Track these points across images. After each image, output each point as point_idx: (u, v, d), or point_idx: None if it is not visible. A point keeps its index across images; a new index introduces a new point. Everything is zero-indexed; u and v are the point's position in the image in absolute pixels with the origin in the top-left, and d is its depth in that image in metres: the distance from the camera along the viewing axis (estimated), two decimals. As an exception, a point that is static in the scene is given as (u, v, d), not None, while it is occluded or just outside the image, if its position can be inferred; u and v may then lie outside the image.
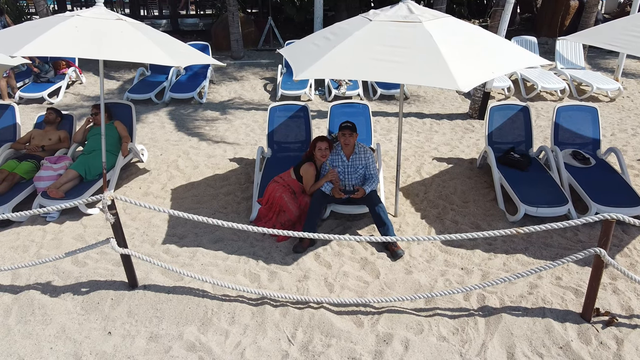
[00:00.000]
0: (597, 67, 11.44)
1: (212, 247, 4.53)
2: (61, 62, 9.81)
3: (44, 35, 4.09)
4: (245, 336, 3.52)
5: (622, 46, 4.11)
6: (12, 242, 4.72)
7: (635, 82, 10.35)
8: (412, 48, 3.73)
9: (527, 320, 3.60)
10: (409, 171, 6.09)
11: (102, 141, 5.27)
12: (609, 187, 5.11)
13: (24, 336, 3.60)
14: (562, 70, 9.78)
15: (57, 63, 9.79)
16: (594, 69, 11.36)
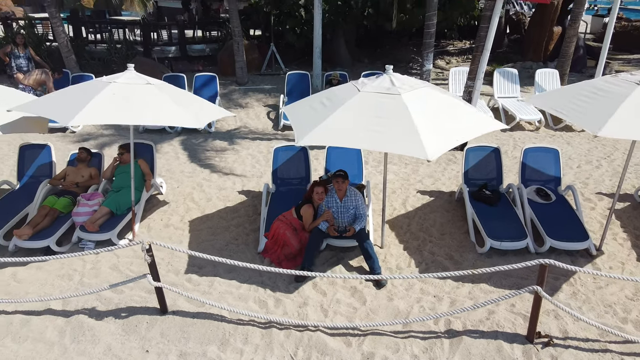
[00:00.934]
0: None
1: (227, 277, 5.40)
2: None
3: (90, 104, 4.96)
4: (257, 354, 4.39)
5: (566, 114, 4.98)
6: (57, 270, 5.59)
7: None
8: (391, 119, 4.59)
9: (482, 341, 4.47)
10: (395, 204, 6.96)
11: (131, 181, 6.15)
12: (564, 222, 5.97)
13: (78, 353, 4.47)
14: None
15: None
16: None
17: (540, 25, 14.42)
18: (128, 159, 6.64)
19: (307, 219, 5.60)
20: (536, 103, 5.48)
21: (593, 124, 4.58)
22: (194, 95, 6.08)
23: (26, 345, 4.56)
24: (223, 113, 6.08)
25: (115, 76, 5.61)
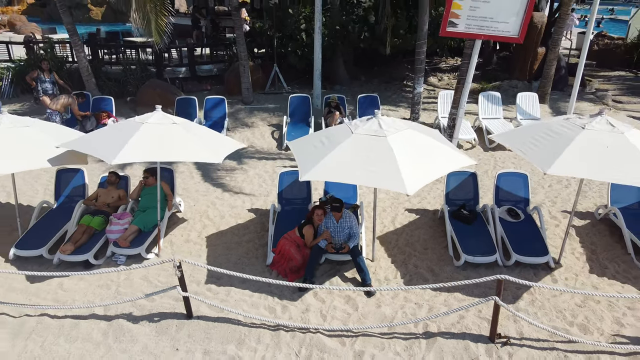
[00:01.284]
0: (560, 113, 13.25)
1: (241, 287, 6.36)
2: (102, 114, 11.64)
3: (128, 144, 5.93)
4: (267, 352, 5.36)
5: (524, 152, 5.94)
6: (97, 281, 6.55)
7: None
8: (379, 158, 5.56)
9: (453, 341, 5.44)
10: (385, 222, 7.93)
11: (157, 203, 7.13)
12: (528, 239, 6.94)
13: (121, 351, 5.43)
14: (520, 121, 11.63)
15: (99, 115, 11.62)
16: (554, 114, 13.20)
17: (525, 46, 15.38)
18: (152, 182, 7.60)
19: (308, 237, 6.56)
20: (500, 140, 6.45)
21: (544, 163, 5.54)
22: (211, 131, 7.05)
23: (77, 344, 5.53)
24: (236, 145, 7.04)
25: (146, 116, 6.58)
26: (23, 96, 14.10)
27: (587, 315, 5.83)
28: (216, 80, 14.91)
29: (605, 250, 7.15)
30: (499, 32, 8.29)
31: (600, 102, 14.27)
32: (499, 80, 15.70)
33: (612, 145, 5.51)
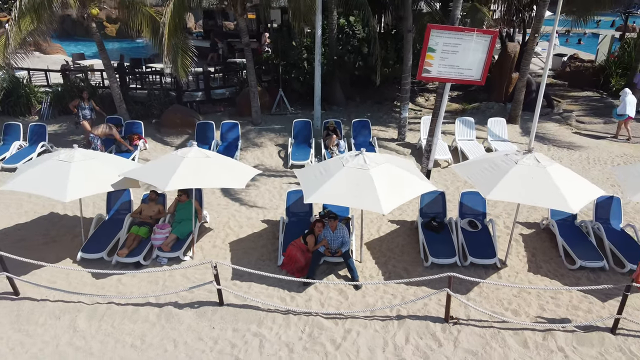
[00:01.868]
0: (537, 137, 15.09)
1: (259, 282, 8.21)
2: (133, 136, 13.50)
3: (176, 174, 7.80)
4: (280, 329, 7.21)
5: (473, 181, 7.80)
6: (147, 277, 8.41)
7: (546, 148, 14.06)
8: (363, 186, 7.42)
9: (418, 321, 7.30)
10: (372, 230, 9.79)
11: (192, 216, 8.99)
12: (482, 245, 8.80)
13: (171, 329, 7.29)
14: (490, 142, 13.50)
15: (131, 137, 13.48)
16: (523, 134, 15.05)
17: (500, 72, 17.26)
18: (185, 199, 9.45)
19: (310, 244, 8.42)
20: (457, 170, 8.32)
21: (485, 189, 7.41)
22: (234, 161, 8.92)
23: (138, 324, 7.38)
24: (253, 172, 8.91)
25: (185, 151, 8.45)
26: (60, 117, 15.97)
27: (520, 302, 7.69)
28: (228, 103, 16.77)
29: (543, 253, 9.02)
30: (464, 77, 10.12)
31: (565, 123, 16.13)
32: (478, 102, 17.56)
33: (535, 177, 7.37)
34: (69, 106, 13.91)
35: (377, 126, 15.64)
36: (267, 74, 17.39)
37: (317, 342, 6.98)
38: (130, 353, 6.86)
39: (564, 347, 6.85)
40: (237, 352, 6.83)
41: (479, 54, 9.86)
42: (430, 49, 9.80)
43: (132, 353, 6.87)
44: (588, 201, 7.35)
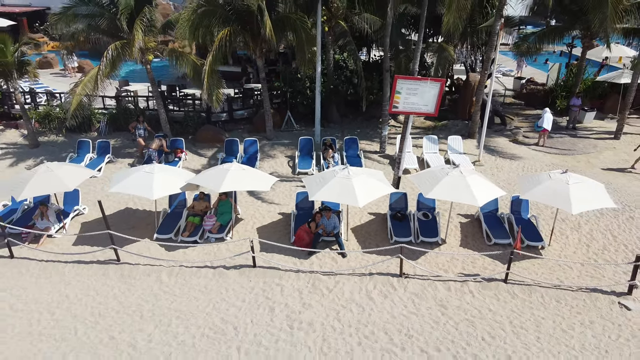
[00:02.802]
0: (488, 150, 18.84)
1: (279, 252, 12.02)
2: (177, 150, 17.31)
3: (225, 180, 11.64)
4: (294, 281, 11.03)
5: (420, 186, 11.62)
6: (202, 251, 12.24)
7: (493, 158, 17.85)
8: (347, 189, 11.24)
9: (381, 277, 11.12)
10: (355, 219, 13.60)
11: (232, 209, 12.84)
12: (430, 229, 12.61)
13: (223, 282, 11.12)
14: (449, 154, 17.30)
15: (175, 150, 17.29)
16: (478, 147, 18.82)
17: (464, 96, 21.08)
18: (224, 198, 13.26)
19: (312, 228, 12.26)
20: (412, 179, 12.13)
21: (426, 191, 11.25)
22: (259, 171, 12.77)
23: (201, 279, 11.20)
24: (273, 180, 12.74)
25: (228, 165, 12.26)
26: (114, 134, 19.80)
27: (449, 265, 11.51)
28: (247, 121, 20.59)
29: (472, 235, 12.85)
30: (422, 110, 13.88)
31: (513, 137, 19.92)
32: (446, 119, 21.36)
33: (457, 183, 11.20)
34: (128, 127, 17.75)
35: (364, 140, 19.47)
36: (277, 97, 21.19)
37: (317, 289, 10.81)
38: (199, 294, 10.70)
39: (473, 291, 10.69)
40: (267, 294, 10.67)
41: (432, 94, 13.65)
42: (397, 92, 13.61)
43: (201, 295, 10.70)
44: (491, 198, 11.22)
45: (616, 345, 9.26)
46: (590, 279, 11.16)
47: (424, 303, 10.41)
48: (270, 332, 9.64)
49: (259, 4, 14.90)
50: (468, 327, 9.72)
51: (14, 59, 16.76)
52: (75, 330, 9.76)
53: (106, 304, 10.51)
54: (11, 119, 20.55)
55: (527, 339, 9.43)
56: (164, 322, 9.95)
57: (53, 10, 39.39)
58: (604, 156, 18.17)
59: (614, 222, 13.47)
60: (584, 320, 9.93)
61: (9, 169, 17.18)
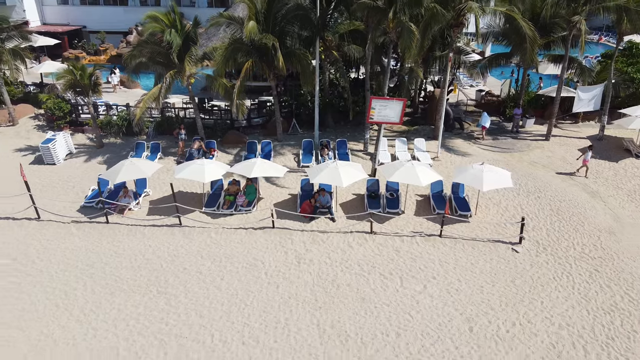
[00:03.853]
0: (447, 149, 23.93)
1: (289, 218, 17.19)
2: (211, 149, 22.46)
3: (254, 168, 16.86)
4: (300, 236, 16.24)
5: (384, 173, 16.81)
6: (237, 218, 17.43)
7: (449, 155, 22.98)
8: (335, 174, 16.43)
9: (358, 234, 16.33)
10: (342, 197, 18.76)
11: (254, 191, 18.07)
12: (394, 203, 17.79)
13: (252, 237, 16.34)
14: (415, 152, 22.44)
15: (210, 149, 22.44)
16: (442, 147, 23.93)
17: (430, 107, 26.21)
18: (250, 182, 18.45)
19: (312, 203, 17.46)
20: (380, 170, 17.31)
21: (388, 176, 16.45)
22: (274, 163, 17.98)
23: (236, 236, 16.42)
24: (284, 169, 17.94)
25: (254, 160, 17.47)
26: (159, 137, 24.93)
27: (405, 226, 16.71)
28: (261, 127, 25.74)
29: (424, 208, 18.03)
30: (391, 120, 19.06)
31: (468, 139, 25.06)
32: (418, 124, 26.51)
33: (409, 171, 16.39)
34: (173, 133, 22.92)
35: (352, 142, 24.63)
36: (285, 108, 26.34)
37: (315, 241, 16.03)
38: (237, 245, 15.92)
39: (418, 242, 15.89)
40: (282, 244, 15.88)
41: (397, 109, 18.86)
42: (372, 108, 18.85)
43: (238, 245, 15.92)
44: (431, 181, 16.45)
45: (504, 272, 14.49)
46: (497, 234, 16.37)
47: (384, 249, 15.62)
48: (285, 265, 14.86)
49: (273, 43, 20.03)
50: (411, 262, 14.93)
51: (89, 82, 21.89)
52: (160, 265, 14.99)
53: (177, 251, 15.72)
54: (78, 126, 25.67)
55: (447, 268, 14.66)
56: (216, 260, 15.17)
57: (89, 28, 44.72)
58: (533, 153, 23.34)
59: (524, 200, 18.67)
60: (486, 258, 15.15)
61: (84, 164, 22.37)
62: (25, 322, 12.72)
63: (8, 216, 17.68)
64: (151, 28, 20.24)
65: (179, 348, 11.92)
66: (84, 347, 11.95)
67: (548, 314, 12.88)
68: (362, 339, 12.09)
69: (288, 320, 12.76)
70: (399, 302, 13.33)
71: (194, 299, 13.53)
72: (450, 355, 11.61)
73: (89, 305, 13.31)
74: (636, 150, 22.78)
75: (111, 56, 42.80)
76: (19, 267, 14.91)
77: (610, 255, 15.34)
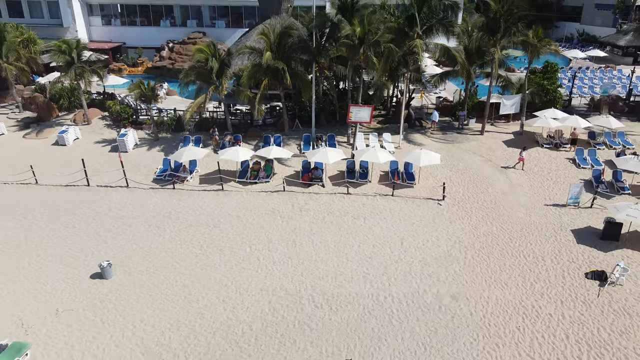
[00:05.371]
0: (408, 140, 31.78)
1: (295, 185, 25.13)
2: (238, 141, 30.32)
3: (272, 151, 24.83)
4: (302, 197, 24.21)
5: (358, 156, 24.76)
6: (260, 185, 25.39)
7: (410, 145, 30.85)
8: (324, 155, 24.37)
9: (340, 195, 24.31)
10: (330, 172, 26.67)
11: (271, 167, 26.05)
12: (365, 176, 25.74)
13: (273, 199, 24.32)
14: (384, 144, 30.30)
15: (237, 142, 30.30)
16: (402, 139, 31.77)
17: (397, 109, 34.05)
18: (268, 162, 26.38)
19: (310, 175, 25.41)
20: (355, 152, 25.21)
21: (359, 157, 24.42)
22: (284, 149, 25.92)
23: (262, 196, 24.40)
24: (290, 153, 25.88)
25: (270, 147, 25.43)
26: (198, 133, 32.80)
27: (370, 190, 24.66)
28: (272, 125, 33.62)
29: (385, 179, 25.95)
30: (364, 120, 26.96)
31: (425, 134, 32.91)
32: (388, 123, 34.37)
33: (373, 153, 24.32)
34: (209, 130, 30.82)
35: (339, 135, 32.47)
36: (290, 111, 34.22)
37: (312, 199, 24.00)
38: (260, 201, 23.91)
39: (377, 199, 23.85)
40: (290, 201, 23.86)
41: (368, 112, 26.83)
42: (351, 112, 26.86)
43: (261, 201, 23.90)
44: (387, 160, 24.41)
45: (429, 215, 22.48)
46: (429, 195, 24.33)
47: (355, 203, 23.58)
48: (292, 212, 22.85)
49: (282, 67, 27.86)
50: (371, 210, 22.91)
51: (152, 93, 29.75)
52: (212, 212, 22.96)
53: (221, 205, 23.68)
54: (137, 124, 33.52)
55: (393, 213, 22.66)
56: (248, 210, 23.13)
57: (128, 44, 52.46)
58: (469, 144, 31.20)
59: (453, 174, 26.62)
60: (420, 208, 23.13)
61: (147, 152, 30.26)
62: (136, 241, 20.73)
63: (107, 185, 25.67)
64: (198, 57, 28.07)
65: (231, 253, 19.90)
66: (175, 252, 19.94)
67: (450, 237, 20.86)
68: (337, 247, 20.09)
69: (295, 240, 20.72)
70: (361, 230, 21.29)
71: (235, 230, 21.49)
72: (387, 255, 19.58)
73: (174, 234, 21.28)
74: (542, 141, 30.67)
75: (147, 68, 50.42)
76: (124, 214, 22.89)
77: (498, 206, 23.32)
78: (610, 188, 24.65)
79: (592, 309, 16.57)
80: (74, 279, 18.40)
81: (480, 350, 14.95)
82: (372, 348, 15.07)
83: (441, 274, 18.45)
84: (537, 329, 15.75)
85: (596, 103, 36.79)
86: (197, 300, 17.26)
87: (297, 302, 17.11)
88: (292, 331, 15.81)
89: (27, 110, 36.75)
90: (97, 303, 17.08)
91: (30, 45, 37.58)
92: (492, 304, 16.87)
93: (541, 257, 19.40)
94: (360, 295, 17.39)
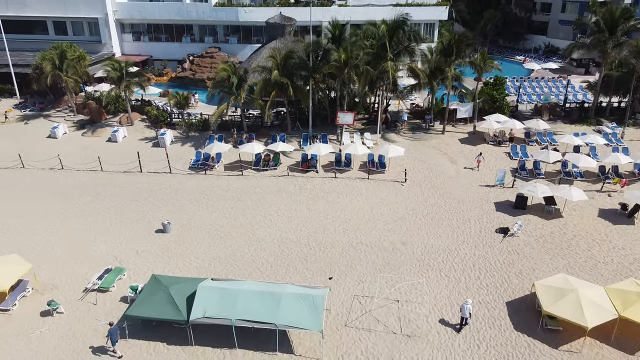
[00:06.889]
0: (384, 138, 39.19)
1: (297, 171, 32.58)
2: (252, 139, 37.71)
3: (279, 146, 32.30)
4: (302, 180, 31.69)
5: (344, 150, 32.21)
6: (270, 172, 32.87)
7: (387, 143, 38.27)
8: (317, 149, 31.82)
9: (328, 178, 31.79)
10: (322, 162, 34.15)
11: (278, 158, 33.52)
12: (348, 164, 33.23)
13: (280, 181, 31.79)
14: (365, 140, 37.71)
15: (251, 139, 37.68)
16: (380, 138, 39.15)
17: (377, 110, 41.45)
18: (276, 154, 33.80)
19: (307, 164, 32.88)
20: (341, 147, 32.64)
21: (344, 150, 31.91)
22: (288, 144, 33.39)
23: (272, 179, 31.87)
24: (292, 147, 33.35)
25: (277, 143, 32.89)
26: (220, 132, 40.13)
27: (352, 175, 32.12)
28: (278, 126, 41.00)
29: (364, 167, 33.41)
30: (348, 123, 34.36)
31: (398, 133, 40.29)
32: (370, 124, 41.74)
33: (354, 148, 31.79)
34: (230, 130, 38.24)
35: (331, 134, 39.87)
36: (292, 114, 41.65)
37: (308, 181, 31.49)
38: (270, 183, 31.43)
39: (357, 181, 31.33)
40: (292, 182, 31.37)
41: (351, 117, 34.37)
42: (338, 116, 34.46)
43: (271, 183, 31.42)
44: (366, 152, 31.88)
45: (393, 192, 30.00)
46: (396, 178, 31.80)
47: (340, 184, 31.09)
48: (294, 190, 30.36)
49: (287, 82, 35.25)
50: (352, 189, 30.42)
51: (185, 101, 37.15)
52: (236, 190, 30.46)
53: (242, 185, 31.19)
54: (171, 125, 40.91)
55: (368, 191, 30.18)
56: (262, 189, 30.62)
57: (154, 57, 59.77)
58: (432, 141, 38.58)
59: (416, 164, 34.06)
60: (387, 188, 30.64)
61: (180, 147, 37.67)
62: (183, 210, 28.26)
63: (155, 171, 33.13)
64: (222, 75, 35.51)
65: (251, 216, 27.40)
66: (211, 217, 27.46)
67: (406, 206, 28.34)
68: (326, 213, 27.62)
69: (296, 208, 28.22)
70: (343, 202, 28.79)
71: (253, 202, 28.99)
72: (360, 218, 27.07)
73: (209, 205, 28.79)
74: (488, 139, 38.09)
75: (171, 77, 57.63)
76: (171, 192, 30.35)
77: (444, 186, 30.82)
78: (530, 174, 32.15)
79: (494, 250, 24.09)
80: (143, 232, 25.90)
81: (415, 273, 22.44)
82: (345, 271, 22.57)
83: (397, 230, 25.95)
84: (455, 261, 23.26)
85: (538, 109, 44.19)
86: (229, 245, 24.75)
87: (298, 246, 24.61)
88: (295, 262, 23.32)
89: (80, 114, 44.18)
90: (163, 247, 24.57)
91: (81, 61, 44.99)
92: (428, 248, 24.37)
93: (468, 220, 26.90)
94: (340, 242, 24.89)
